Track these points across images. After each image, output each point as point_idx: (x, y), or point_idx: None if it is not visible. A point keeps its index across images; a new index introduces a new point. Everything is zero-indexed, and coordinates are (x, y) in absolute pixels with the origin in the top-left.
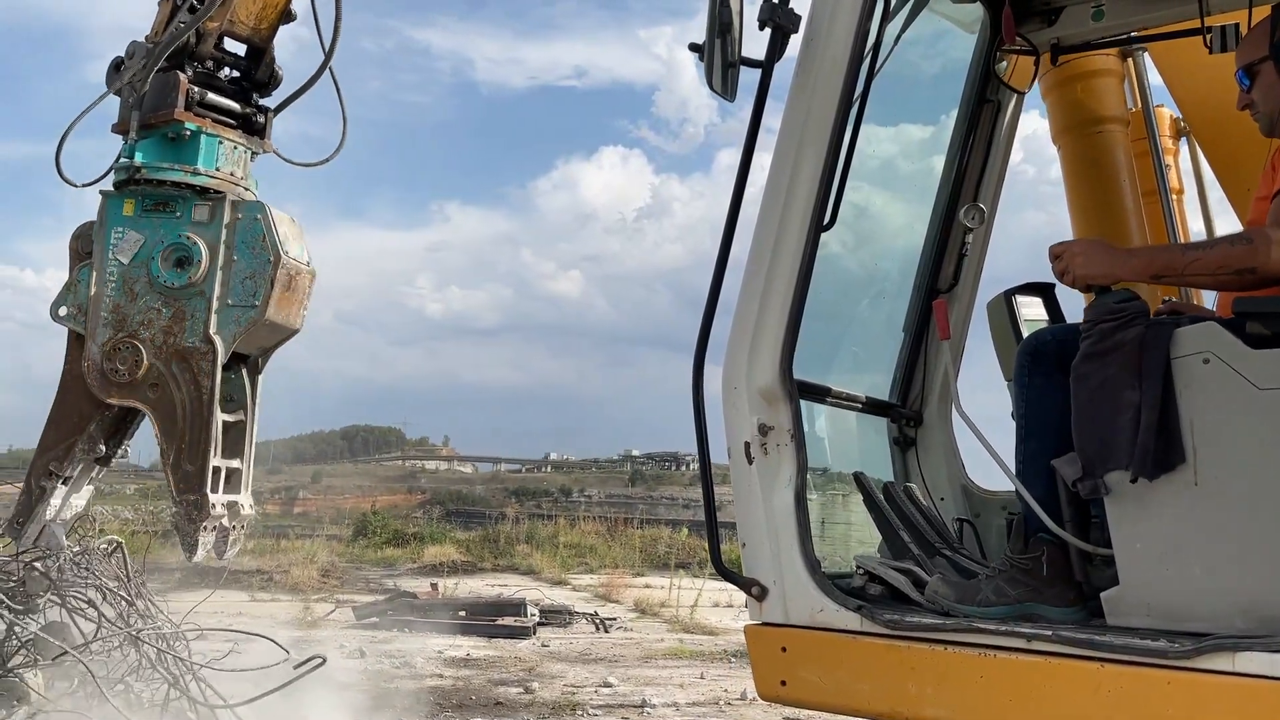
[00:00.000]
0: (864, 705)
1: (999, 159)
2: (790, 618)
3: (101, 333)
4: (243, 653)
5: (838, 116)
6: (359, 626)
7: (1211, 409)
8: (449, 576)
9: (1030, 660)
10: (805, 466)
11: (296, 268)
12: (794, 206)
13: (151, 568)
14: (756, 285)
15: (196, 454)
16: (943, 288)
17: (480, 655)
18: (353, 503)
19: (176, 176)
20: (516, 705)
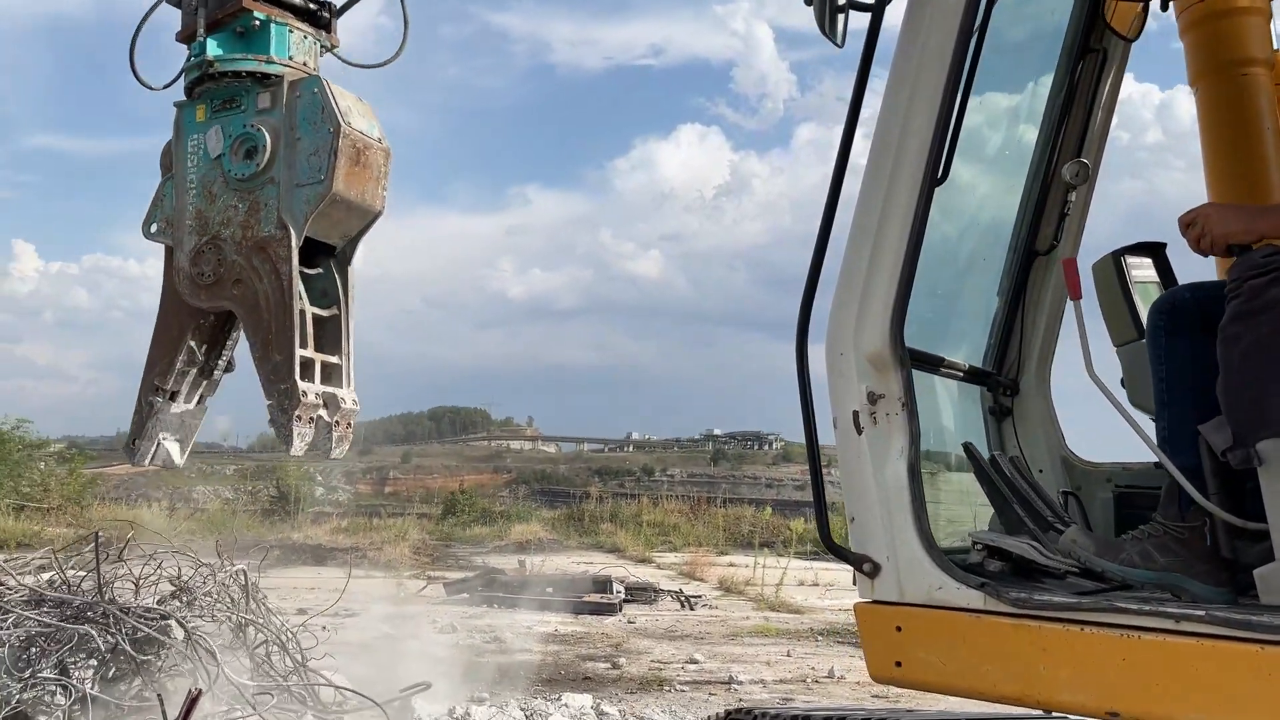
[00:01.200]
0: (990, 688)
1: (1103, 113)
2: (905, 596)
3: (188, 240)
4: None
5: (954, 57)
6: (450, 602)
7: None
8: (535, 554)
9: (1180, 642)
10: (918, 436)
11: (365, 141)
12: (905, 159)
13: (251, 544)
14: (865, 244)
15: (283, 343)
16: (1041, 249)
17: (568, 631)
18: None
19: (250, 66)
20: (605, 680)
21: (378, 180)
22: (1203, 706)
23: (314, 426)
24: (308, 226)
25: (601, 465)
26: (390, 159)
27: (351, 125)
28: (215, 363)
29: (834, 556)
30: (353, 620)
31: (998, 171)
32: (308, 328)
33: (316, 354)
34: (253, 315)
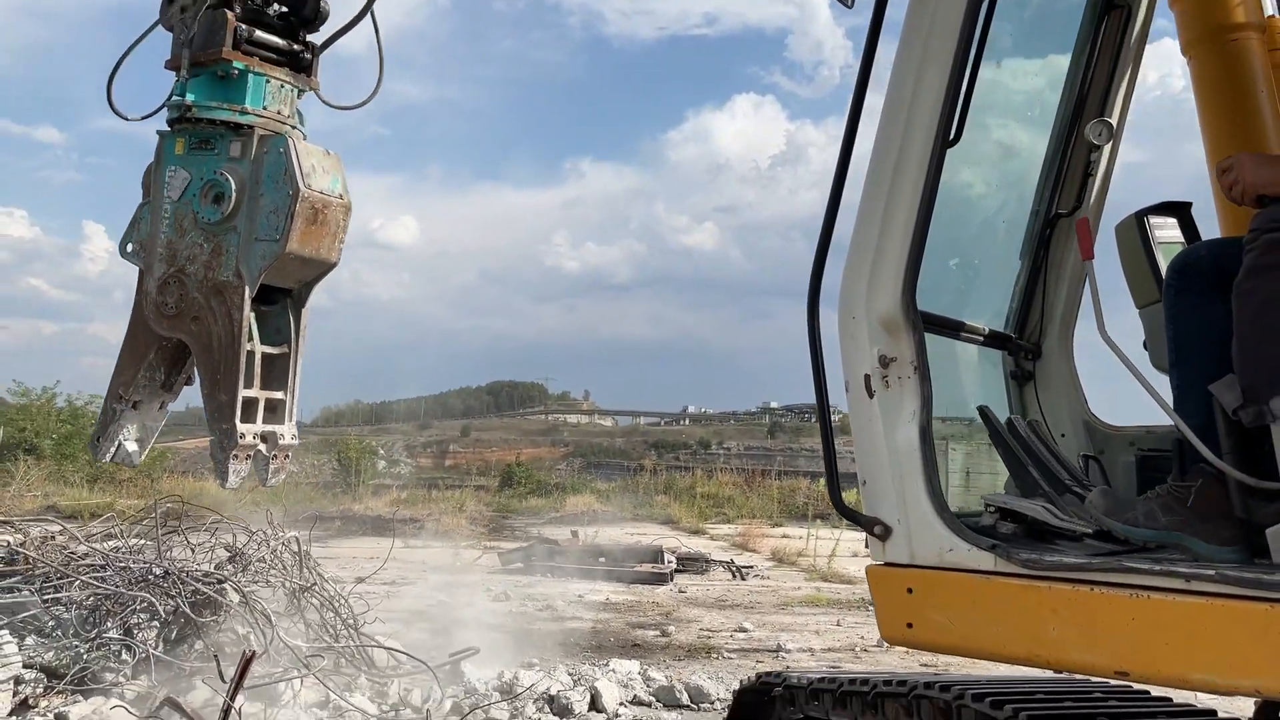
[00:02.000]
0: (999, 649)
1: (1128, 71)
2: (916, 558)
3: (157, 267)
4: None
5: (967, 16)
6: (504, 571)
7: None
8: (589, 525)
9: (1190, 601)
10: (930, 400)
11: (325, 200)
12: (917, 119)
13: (312, 515)
14: (876, 206)
15: (229, 384)
16: (1064, 210)
17: (619, 599)
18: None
19: (225, 115)
20: (654, 647)
21: (334, 235)
22: (1212, 666)
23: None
24: (262, 277)
25: (658, 439)
26: (350, 213)
27: (312, 187)
28: (175, 379)
29: (847, 519)
30: (409, 588)
31: (1022, 132)
32: (255, 368)
33: (262, 391)
34: (205, 354)
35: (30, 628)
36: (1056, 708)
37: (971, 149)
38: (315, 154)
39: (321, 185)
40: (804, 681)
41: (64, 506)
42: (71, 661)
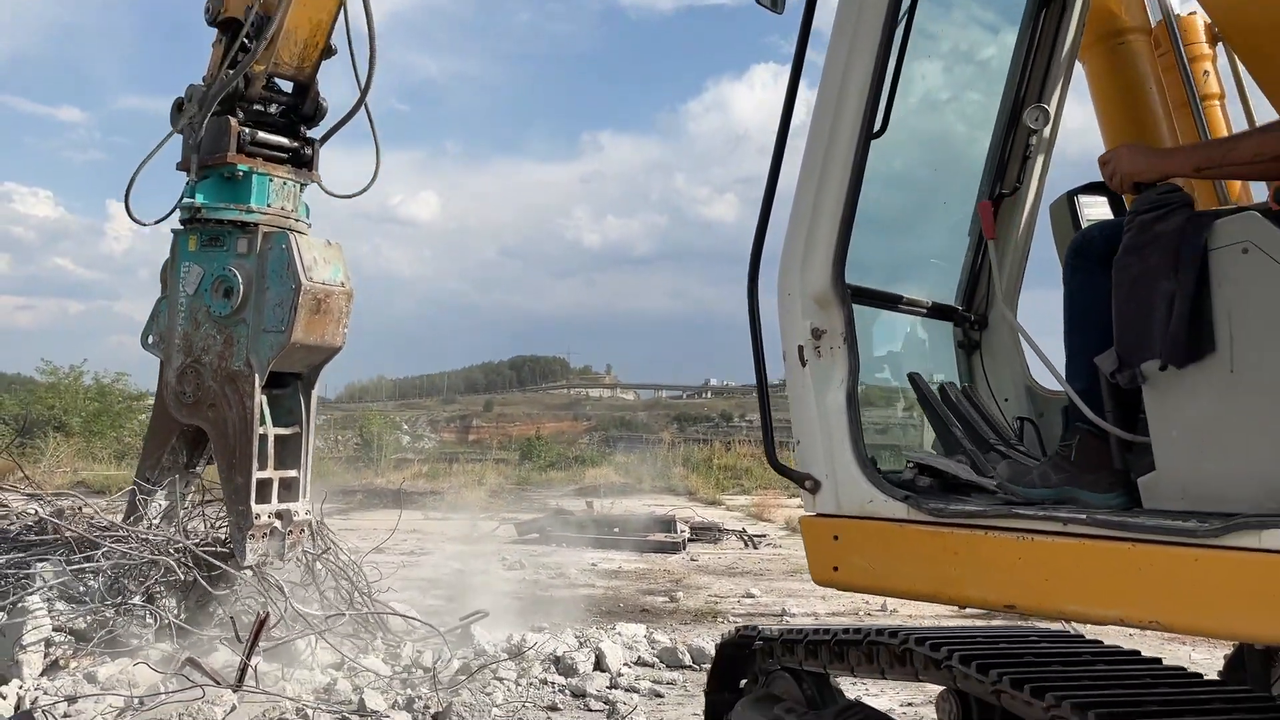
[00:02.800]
0: (910, 588)
1: (1064, 59)
2: (842, 508)
3: (176, 358)
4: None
5: (886, 22)
6: (520, 542)
7: (1249, 297)
8: (606, 497)
9: (1066, 542)
10: (857, 368)
11: (326, 291)
12: (844, 115)
13: (337, 489)
14: (808, 194)
15: (244, 467)
16: (1006, 191)
17: (631, 568)
18: (521, 429)
19: (232, 215)
20: (662, 612)
21: (338, 322)
22: (1084, 598)
23: (267, 539)
24: (271, 365)
25: (680, 412)
26: (352, 299)
27: (314, 279)
28: (197, 459)
29: (782, 476)
30: (427, 558)
31: (975, 116)
32: (269, 450)
33: (275, 472)
34: (221, 439)
35: (59, 594)
36: (989, 648)
37: (930, 133)
38: (317, 247)
39: (323, 276)
40: (777, 634)
41: (92, 481)
42: (98, 626)
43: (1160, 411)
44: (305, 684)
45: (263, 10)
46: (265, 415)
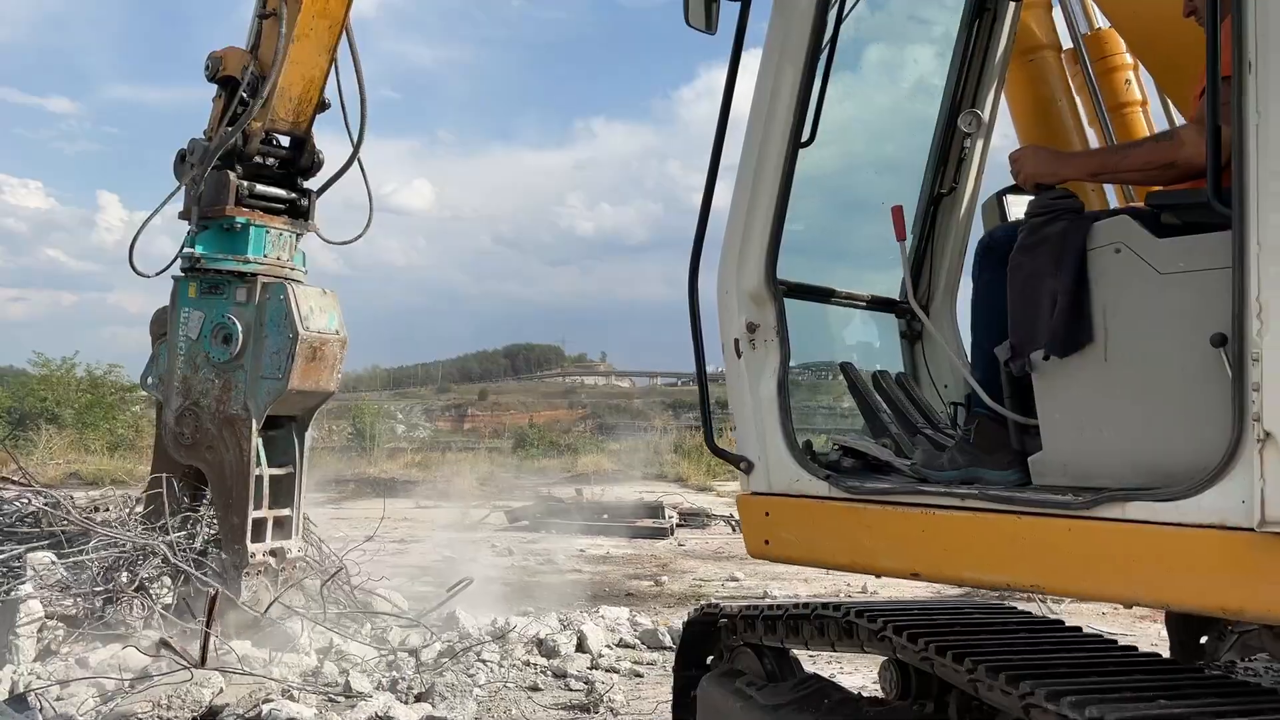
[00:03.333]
0: (830, 559)
1: (997, 67)
2: (773, 487)
3: (175, 399)
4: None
5: (811, 40)
6: (511, 529)
7: (1121, 293)
8: (597, 484)
9: (964, 515)
10: (788, 359)
11: (322, 339)
12: (774, 126)
13: (329, 479)
14: (743, 199)
15: (240, 507)
16: (945, 190)
17: (619, 553)
18: (516, 418)
19: (230, 265)
20: (646, 596)
21: (332, 368)
22: (978, 566)
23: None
24: (277, 409)
25: (675, 399)
26: (346, 345)
27: (310, 329)
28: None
29: (719, 458)
30: (417, 546)
31: (916, 120)
32: (264, 490)
33: (270, 511)
34: (219, 480)
35: (52, 581)
36: (923, 619)
37: (878, 136)
38: (313, 296)
39: (319, 325)
40: (737, 611)
41: (86, 474)
42: (90, 613)
43: (1046, 397)
44: (293, 667)
45: (258, 70)
46: (261, 456)
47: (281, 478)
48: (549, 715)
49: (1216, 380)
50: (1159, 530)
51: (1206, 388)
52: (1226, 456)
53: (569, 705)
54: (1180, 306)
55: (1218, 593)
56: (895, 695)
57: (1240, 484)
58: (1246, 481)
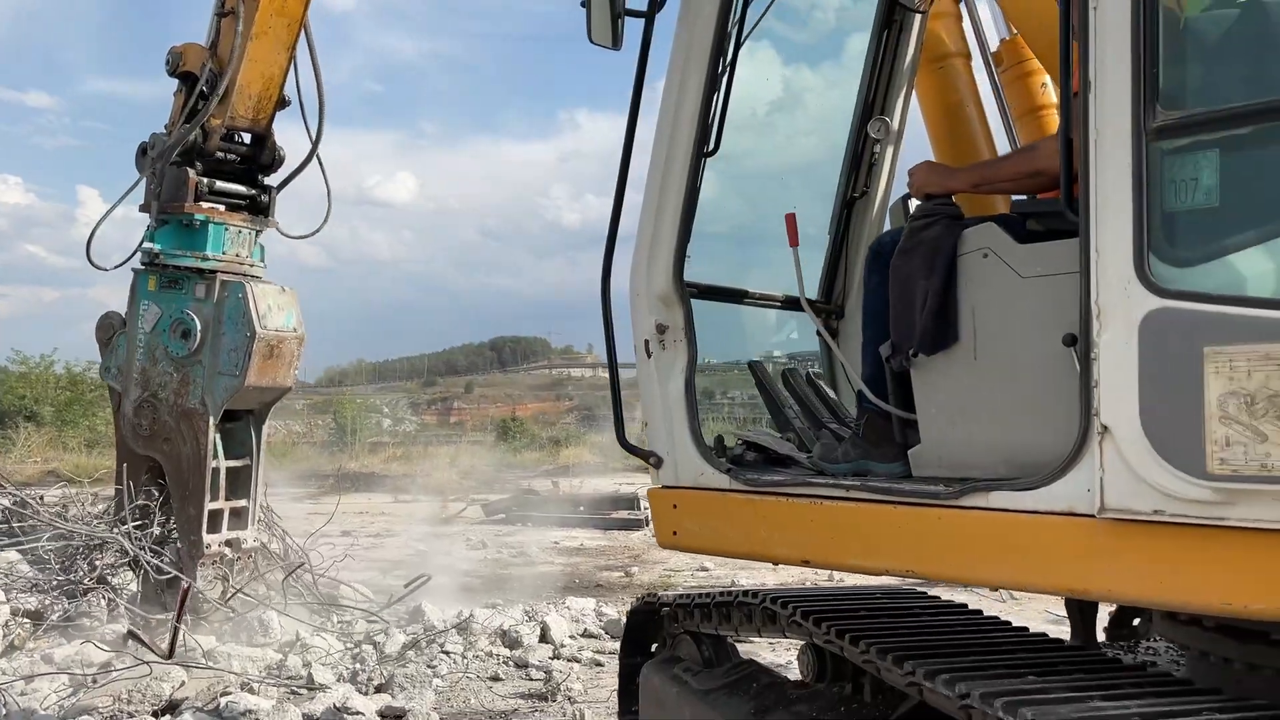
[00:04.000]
0: (731, 548)
1: (905, 76)
2: (680, 480)
3: (133, 390)
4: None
5: (712, 55)
6: (488, 522)
7: (987, 296)
8: (576, 477)
9: (848, 506)
10: (695, 358)
11: (279, 337)
12: (679, 136)
13: (309, 474)
14: (651, 206)
15: (196, 500)
16: (856, 195)
17: (593, 545)
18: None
19: (188, 263)
20: (615, 587)
21: (289, 364)
22: (860, 553)
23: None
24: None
25: None
26: (304, 343)
27: (267, 327)
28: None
29: (630, 453)
30: (392, 540)
31: (831, 127)
32: (220, 482)
33: (226, 502)
34: (175, 472)
35: (15, 578)
36: (830, 605)
37: (797, 143)
38: (271, 294)
39: (276, 323)
40: (675, 599)
41: (64, 471)
42: (54, 608)
43: (923, 393)
44: (257, 661)
45: (216, 67)
46: (218, 449)
47: (238, 469)
48: (507, 704)
49: (1070, 377)
50: (1018, 518)
51: (1062, 384)
52: (1075, 448)
53: (528, 694)
54: (1039, 308)
55: (1067, 575)
56: (813, 678)
57: (1086, 474)
58: (1090, 471)
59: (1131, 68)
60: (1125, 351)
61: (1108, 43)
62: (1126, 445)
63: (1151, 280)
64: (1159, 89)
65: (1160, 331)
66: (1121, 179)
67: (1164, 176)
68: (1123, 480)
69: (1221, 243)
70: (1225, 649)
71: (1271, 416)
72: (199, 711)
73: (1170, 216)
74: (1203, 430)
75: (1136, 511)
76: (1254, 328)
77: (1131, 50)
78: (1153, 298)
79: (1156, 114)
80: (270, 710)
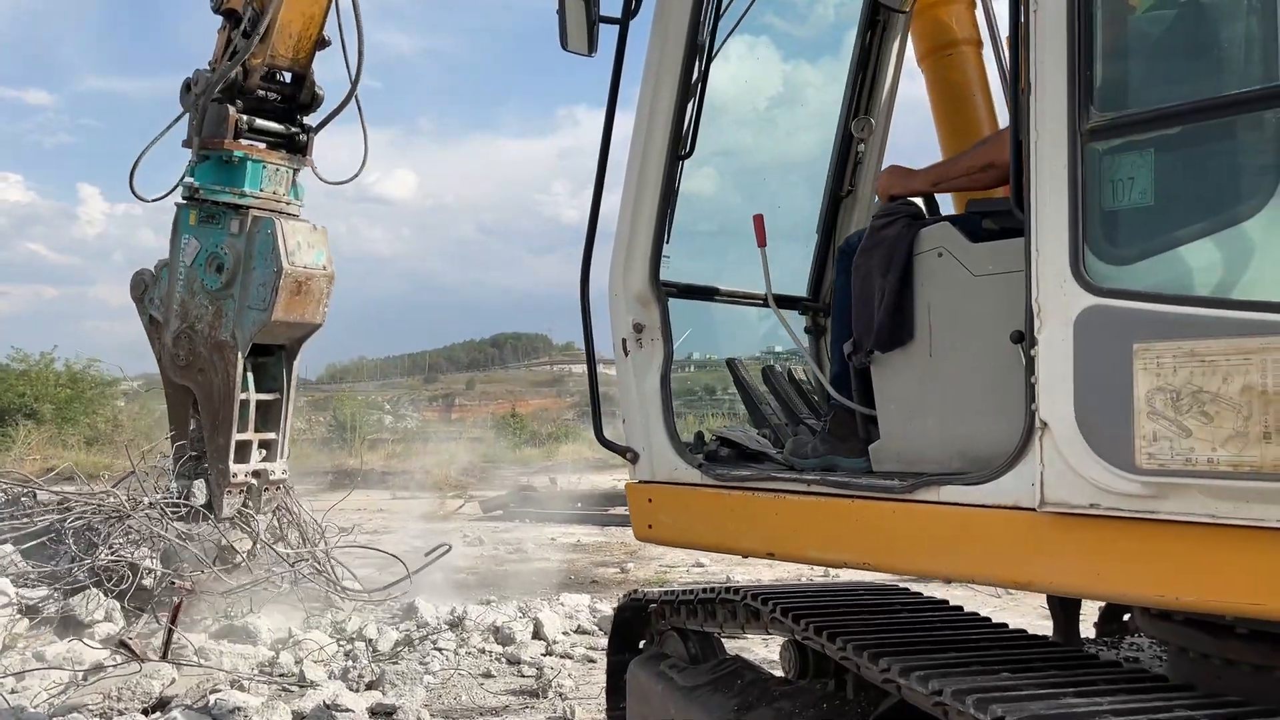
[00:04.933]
0: (702, 540)
1: (888, 75)
2: (655, 475)
3: (173, 322)
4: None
5: (685, 61)
6: (486, 518)
7: (942, 294)
8: (574, 473)
9: (809, 500)
10: (671, 356)
11: (307, 274)
12: (654, 140)
13: (310, 470)
14: (628, 208)
15: (225, 429)
16: (842, 193)
17: (590, 541)
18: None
19: (226, 198)
20: (610, 583)
21: (319, 302)
22: (821, 546)
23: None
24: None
25: None
26: (333, 281)
27: (295, 263)
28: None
29: (607, 449)
30: (389, 537)
31: (818, 126)
32: (250, 414)
33: (255, 434)
34: (207, 401)
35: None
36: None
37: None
38: (302, 231)
39: (305, 260)
40: (660, 596)
41: (64, 470)
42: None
43: (882, 389)
44: (249, 658)
45: (258, 5)
46: (248, 382)
47: (269, 403)
48: (499, 701)
49: (1019, 374)
50: (967, 511)
51: (1012, 381)
52: (1020, 444)
53: (519, 691)
54: (990, 306)
55: (1013, 568)
56: (795, 674)
57: (1029, 468)
58: (1033, 466)
59: (1067, 69)
60: (1062, 348)
61: (1046, 44)
62: (1064, 441)
63: (1086, 278)
64: (1094, 90)
65: (1093, 329)
66: (1058, 179)
67: (1099, 176)
68: (1061, 475)
69: (1154, 241)
70: (1202, 645)
71: (1195, 412)
72: (189, 709)
73: (1105, 216)
74: (1132, 425)
75: (1074, 505)
76: (1181, 325)
77: (1067, 52)
78: (1087, 295)
79: (1090, 115)
80: (260, 708)
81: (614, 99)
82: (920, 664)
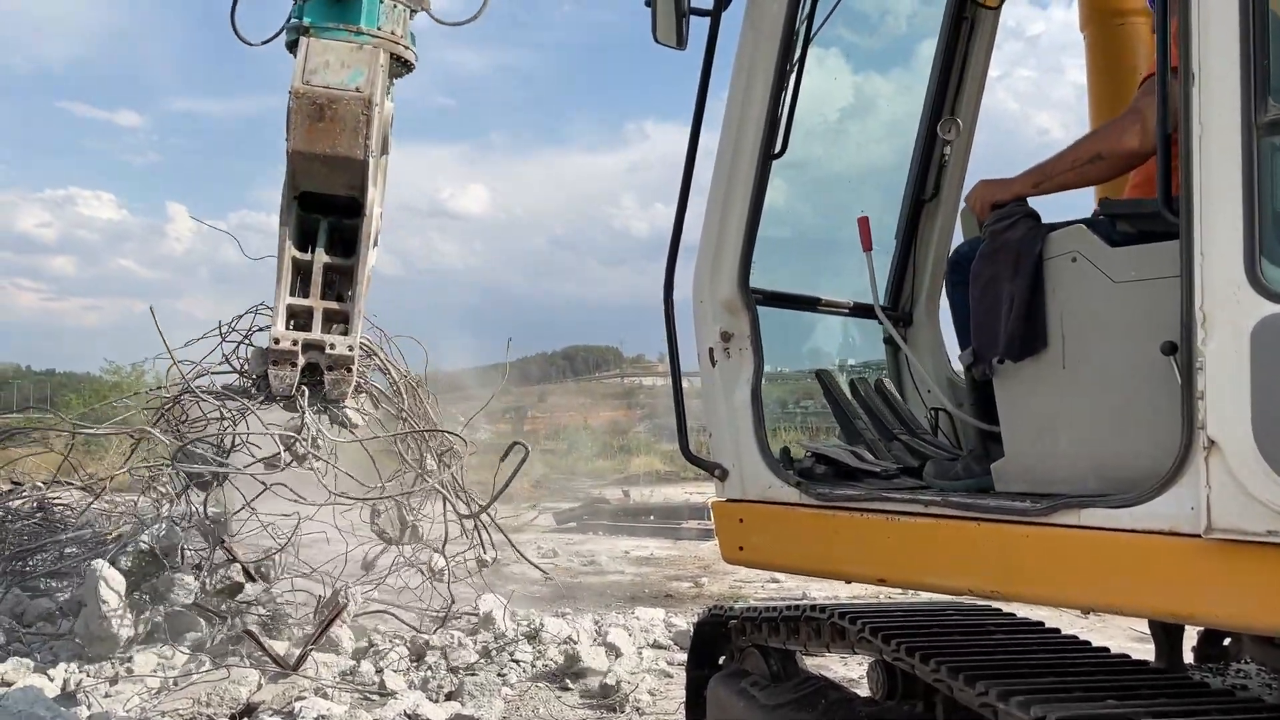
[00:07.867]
0: (801, 564)
1: (976, 74)
2: (746, 494)
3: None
4: None
5: (780, 56)
6: (558, 530)
7: (1077, 301)
8: (646, 486)
9: (925, 523)
10: (761, 367)
11: (329, 96)
12: (745, 139)
13: None
14: (716, 210)
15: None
16: (926, 197)
17: (663, 555)
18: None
19: (341, 37)
20: (684, 597)
21: (354, 131)
22: (939, 572)
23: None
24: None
25: None
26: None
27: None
28: None
29: (694, 465)
30: None
31: (900, 128)
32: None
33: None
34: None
35: None
36: (899, 622)
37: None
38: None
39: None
40: (741, 612)
41: None
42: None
43: (1007, 403)
44: (331, 666)
45: None
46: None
47: (336, 266)
48: (575, 715)
49: (1168, 388)
50: (1114, 537)
51: (1160, 395)
52: (1176, 464)
53: (596, 704)
54: (1134, 315)
55: (1169, 598)
56: (883, 695)
57: (1189, 491)
58: (1194, 489)
59: (1241, 56)
60: (1236, 361)
61: (1214, 28)
62: (1237, 461)
63: (1265, 285)
64: (1271, 79)
65: (1275, 339)
66: (1229, 176)
67: (1275, 173)
68: (1232, 498)
69: None
70: None
71: None
72: (275, 715)
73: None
74: None
75: (1248, 532)
76: None
77: (1240, 37)
78: (1266, 303)
79: (1269, 107)
80: (343, 716)
81: (704, 93)
82: (1020, 688)
